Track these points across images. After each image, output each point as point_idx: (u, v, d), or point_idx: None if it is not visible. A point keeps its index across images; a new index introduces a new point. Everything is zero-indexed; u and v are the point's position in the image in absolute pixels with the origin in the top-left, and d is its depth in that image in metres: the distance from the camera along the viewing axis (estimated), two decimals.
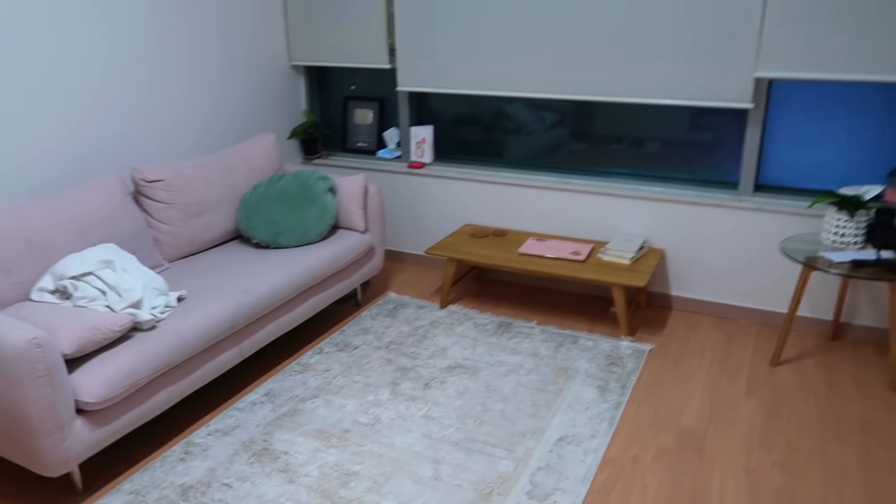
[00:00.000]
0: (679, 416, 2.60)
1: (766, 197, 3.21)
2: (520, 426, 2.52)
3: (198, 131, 3.50)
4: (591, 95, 3.35)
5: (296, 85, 4.17)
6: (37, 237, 2.47)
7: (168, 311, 2.50)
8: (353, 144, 4.22)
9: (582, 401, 2.68)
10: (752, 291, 3.32)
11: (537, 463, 2.32)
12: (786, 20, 2.87)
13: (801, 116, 3.13)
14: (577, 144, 3.64)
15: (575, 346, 3.10)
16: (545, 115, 3.70)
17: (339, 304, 3.59)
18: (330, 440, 2.44)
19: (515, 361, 2.96)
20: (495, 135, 3.85)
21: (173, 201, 3.00)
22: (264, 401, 2.70)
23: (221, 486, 2.22)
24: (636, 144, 3.49)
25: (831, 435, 2.47)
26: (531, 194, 3.67)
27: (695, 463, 2.33)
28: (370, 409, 2.62)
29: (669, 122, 3.39)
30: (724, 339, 3.18)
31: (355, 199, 3.37)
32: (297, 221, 3.17)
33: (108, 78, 3.01)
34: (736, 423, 2.55)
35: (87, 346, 2.14)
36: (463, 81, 3.63)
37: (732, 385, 2.80)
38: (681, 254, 3.41)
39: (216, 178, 3.20)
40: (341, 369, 2.92)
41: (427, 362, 2.96)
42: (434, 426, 2.52)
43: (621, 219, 3.50)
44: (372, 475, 2.26)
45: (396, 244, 4.17)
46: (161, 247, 3.00)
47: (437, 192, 3.92)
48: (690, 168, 3.40)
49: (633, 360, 2.97)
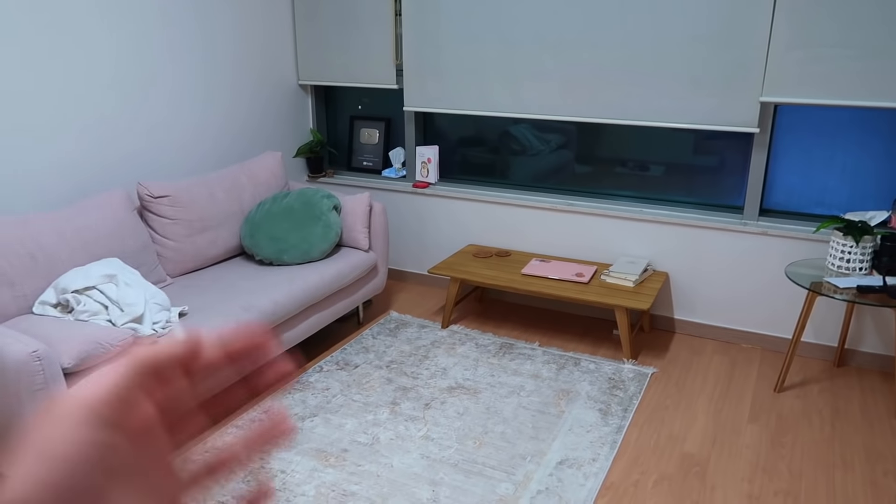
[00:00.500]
0: (681, 441, 2.57)
1: (771, 221, 3.20)
2: (520, 448, 2.50)
3: (206, 148, 3.53)
4: (597, 118, 3.36)
5: (303, 104, 4.20)
6: (41, 251, 2.48)
7: (170, 327, 2.50)
8: (359, 163, 4.25)
9: (583, 424, 2.65)
10: (756, 316, 3.30)
11: (537, 486, 2.29)
12: (792, 46, 2.88)
13: (807, 141, 3.13)
14: (581, 167, 3.65)
15: (577, 368, 3.08)
16: (550, 137, 3.71)
17: (340, 323, 3.58)
18: (328, 459, 2.42)
19: (517, 383, 2.94)
20: (500, 156, 3.86)
21: (178, 217, 3.02)
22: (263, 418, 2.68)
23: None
24: (641, 167, 3.50)
25: (836, 463, 2.44)
26: (535, 215, 3.67)
27: (697, 489, 2.30)
28: (369, 429, 2.61)
29: (674, 145, 3.40)
30: (728, 364, 3.15)
31: (359, 217, 3.38)
32: (300, 239, 3.17)
33: (120, 95, 3.05)
34: (739, 449, 2.52)
35: (88, 360, 2.14)
36: (469, 102, 3.65)
37: (736, 410, 2.77)
38: (685, 277, 3.40)
39: (222, 194, 3.22)
40: (341, 388, 2.90)
41: (428, 382, 2.94)
42: (433, 447, 2.50)
43: (625, 241, 3.49)
44: (370, 496, 2.24)
45: (399, 263, 4.17)
46: (165, 262, 3.01)
47: (442, 212, 3.93)
48: (695, 191, 3.40)
49: (636, 384, 2.95)
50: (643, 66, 3.19)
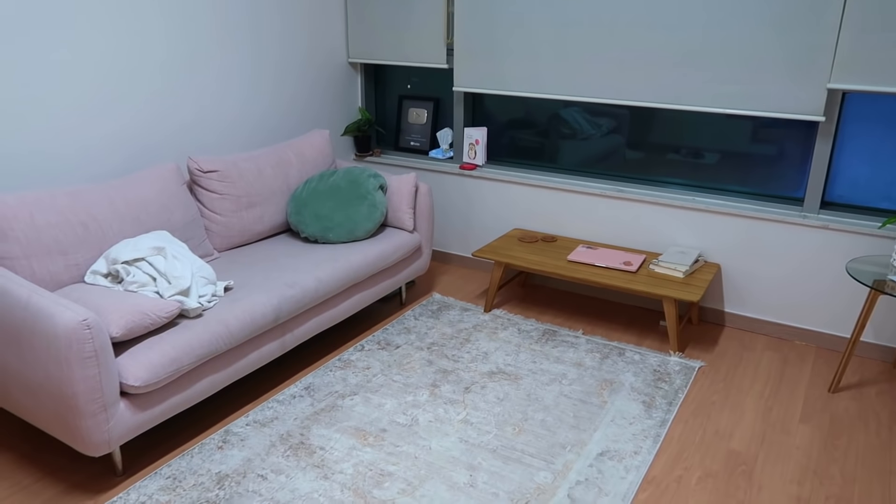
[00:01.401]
0: (728, 438, 2.49)
1: (832, 215, 3.06)
2: (560, 437, 2.45)
3: (254, 124, 3.55)
4: (652, 102, 3.25)
5: (352, 82, 4.19)
6: (93, 221, 2.53)
7: (215, 301, 2.53)
8: (407, 143, 4.22)
9: (626, 416, 2.59)
10: (812, 312, 3.17)
11: (576, 476, 2.25)
12: (865, 30, 2.73)
13: (876, 132, 2.97)
14: (632, 152, 3.54)
15: (621, 358, 3.01)
16: (601, 121, 3.62)
17: (382, 303, 3.58)
18: (366, 438, 2.42)
19: (559, 370, 2.89)
20: (549, 139, 3.78)
21: (226, 192, 3.04)
22: (304, 395, 2.70)
23: (256, 476, 2.22)
24: (694, 155, 3.38)
25: (893, 469, 2.33)
26: (583, 201, 3.59)
27: (743, 489, 2.23)
28: (408, 410, 2.60)
29: (731, 132, 3.26)
30: (780, 361, 3.04)
31: (405, 197, 3.35)
32: (346, 218, 3.17)
33: (170, 72, 3.08)
34: (789, 449, 2.43)
35: (135, 330, 2.18)
36: (520, 83, 3.58)
37: (787, 409, 2.67)
38: (737, 269, 3.28)
39: (269, 171, 3.23)
40: (382, 368, 2.90)
41: (468, 366, 2.92)
42: (472, 431, 2.48)
43: (676, 231, 3.38)
44: (406, 477, 2.23)
45: (444, 245, 4.14)
46: (212, 236, 3.04)
47: (488, 195, 3.88)
48: (751, 181, 3.27)
49: (682, 377, 2.87)
50: (702, 48, 3.07)
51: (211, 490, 2.16)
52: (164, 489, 2.16)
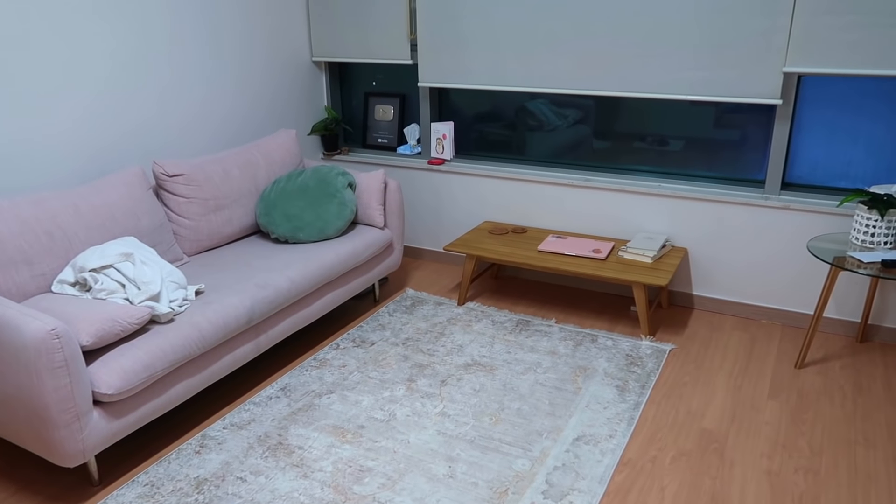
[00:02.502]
0: (700, 417, 2.55)
1: (793, 195, 3.14)
2: (536, 425, 2.49)
3: (216, 124, 3.52)
4: (615, 91, 3.30)
5: (317, 80, 4.17)
6: (58, 230, 2.49)
7: (186, 305, 2.51)
8: (374, 140, 4.22)
9: (600, 400, 2.64)
10: (776, 291, 3.25)
11: (554, 462, 2.29)
12: (817, 13, 2.80)
13: (831, 113, 3.05)
14: (599, 142, 3.59)
15: (594, 344, 3.06)
16: (567, 112, 3.66)
17: (356, 300, 3.59)
18: (345, 436, 2.43)
19: (533, 360, 2.93)
20: (516, 132, 3.81)
21: (193, 196, 3.02)
22: (280, 395, 2.70)
23: (236, 479, 2.22)
24: (659, 142, 3.43)
25: (858, 440, 2.41)
26: (552, 192, 3.63)
27: (715, 465, 2.28)
28: (386, 406, 2.61)
29: (694, 119, 3.33)
30: (748, 340, 3.11)
31: (375, 194, 3.36)
32: (316, 217, 3.16)
33: (128, 69, 3.04)
34: (759, 425, 2.49)
35: (105, 337, 2.16)
36: (485, 77, 3.60)
37: (755, 387, 2.74)
38: (704, 253, 3.35)
39: (236, 172, 3.21)
40: (357, 365, 2.91)
41: (444, 359, 2.94)
42: (450, 423, 2.50)
43: (643, 217, 3.44)
44: (386, 471, 2.24)
45: (415, 241, 4.16)
46: (181, 241, 3.01)
47: (457, 189, 3.90)
48: (715, 166, 3.34)
49: (654, 360, 2.92)
50: (662, 36, 3.12)
51: (190, 495, 2.15)
52: (142, 496, 2.15)
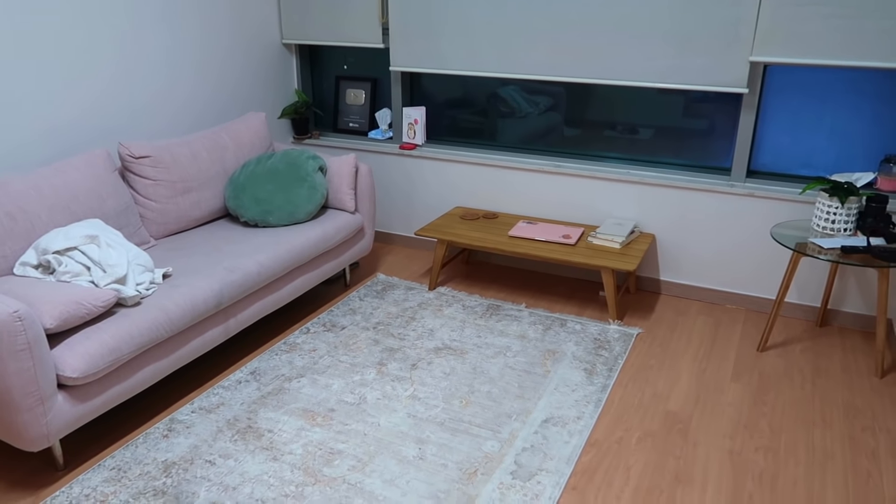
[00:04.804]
0: (665, 399, 2.60)
1: (757, 182, 3.20)
2: (506, 407, 2.52)
3: (180, 104, 3.45)
4: (587, 78, 3.32)
5: (287, 63, 4.12)
6: (21, 212, 2.44)
7: (153, 288, 2.48)
8: (345, 125, 4.19)
9: (569, 383, 2.68)
10: (741, 277, 3.32)
11: (522, 444, 2.32)
12: (784, 4, 2.84)
13: (796, 102, 3.11)
14: (569, 129, 3.61)
15: (563, 329, 3.09)
16: (538, 100, 3.67)
17: (327, 285, 3.57)
18: (315, 419, 2.43)
19: (503, 344, 2.96)
20: (488, 118, 3.82)
21: (160, 178, 2.97)
22: (249, 379, 2.69)
23: (204, 462, 2.21)
24: (630, 130, 3.47)
25: (816, 420, 2.48)
26: (523, 177, 3.65)
27: (679, 446, 2.34)
28: (356, 389, 2.62)
29: (663, 107, 3.37)
30: (712, 325, 3.18)
31: (345, 179, 3.34)
32: (285, 200, 3.14)
33: (87, 46, 2.97)
34: (722, 407, 2.56)
35: (70, 320, 2.12)
36: (457, 62, 3.60)
37: (719, 370, 2.80)
38: (671, 238, 3.41)
39: (204, 155, 3.17)
40: (328, 349, 2.91)
41: (414, 343, 2.95)
42: (420, 406, 2.51)
43: (612, 203, 3.48)
44: (356, 454, 2.25)
45: (386, 225, 4.15)
46: (148, 224, 2.97)
47: (429, 174, 3.90)
48: (683, 153, 3.38)
49: (621, 344, 2.97)
50: (633, 25, 3.14)
51: (158, 478, 2.14)
52: (108, 480, 2.13)
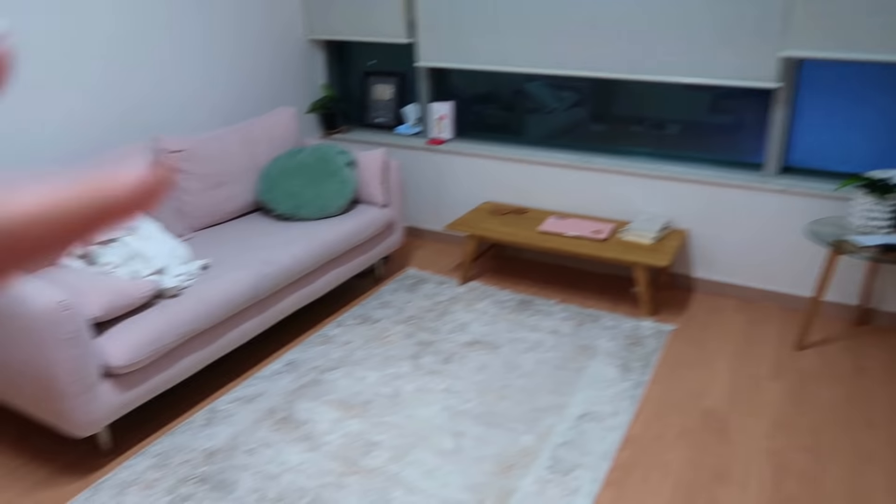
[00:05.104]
0: (702, 397, 2.58)
1: (792, 179, 3.17)
2: (540, 402, 2.51)
3: (214, 101, 3.48)
4: (615, 73, 3.30)
5: (314, 59, 4.13)
6: None
7: (191, 280, 2.50)
8: (373, 120, 4.20)
9: (603, 379, 2.67)
10: (776, 274, 3.29)
11: (558, 439, 2.31)
12: None
13: (831, 97, 3.07)
14: (596, 125, 3.60)
15: (596, 324, 3.08)
16: (565, 95, 3.66)
17: (359, 279, 3.58)
18: (351, 410, 2.44)
19: (535, 339, 2.95)
20: (515, 113, 3.81)
21: (194, 172, 3.00)
22: (286, 370, 2.70)
23: (245, 451, 2.23)
24: (657, 126, 3.45)
25: (859, 420, 2.45)
26: (552, 173, 3.64)
27: (718, 444, 2.32)
28: (391, 382, 2.62)
29: (692, 103, 3.34)
30: (747, 322, 3.15)
31: (375, 173, 3.35)
32: (316, 194, 3.15)
33: (127, 47, 2.99)
34: (760, 406, 2.53)
35: (113, 310, 2.15)
36: (483, 57, 3.59)
37: (756, 368, 2.78)
38: (704, 235, 3.38)
39: (236, 149, 3.19)
40: (362, 342, 2.92)
41: (447, 337, 2.95)
42: (454, 400, 2.52)
43: (643, 199, 3.46)
44: (393, 445, 2.26)
45: (416, 221, 4.16)
46: (183, 217, 2.99)
47: (457, 169, 3.90)
48: (714, 149, 3.36)
49: (655, 341, 2.96)
50: (663, 19, 3.12)
51: (200, 466, 2.15)
52: (153, 467, 2.15)
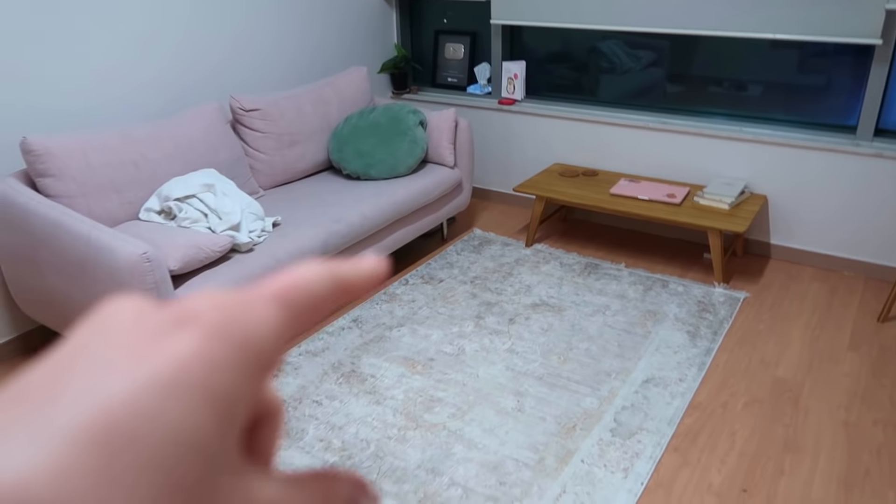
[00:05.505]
0: (774, 366, 2.50)
1: (887, 142, 2.97)
2: (605, 365, 2.49)
3: (287, 62, 3.53)
4: (697, 30, 3.15)
5: (387, 18, 4.12)
6: (144, 160, 2.58)
7: (265, 236, 2.58)
8: (444, 79, 4.17)
9: (670, 345, 2.61)
10: (861, 242, 3.11)
11: (622, 402, 2.29)
12: None
13: None
14: (672, 86, 3.45)
15: (665, 290, 3.01)
16: (641, 54, 3.52)
17: (424, 239, 3.62)
18: (415, 367, 2.49)
19: (602, 302, 2.91)
20: (589, 73, 3.70)
21: (269, 130, 3.07)
22: (352, 326, 2.77)
23: (312, 402, 2.31)
24: (738, 87, 3.28)
25: None
26: (625, 134, 3.54)
27: (789, 414, 2.25)
28: (455, 340, 2.65)
29: (777, 61, 3.15)
30: (827, 292, 3.01)
31: (445, 133, 3.34)
32: (387, 154, 3.18)
33: (204, 14, 3.06)
34: (837, 377, 2.43)
35: (191, 263, 2.25)
36: (558, 15, 3.49)
37: (834, 339, 2.66)
38: (785, 200, 3.22)
39: (309, 108, 3.24)
40: (426, 301, 2.95)
41: (512, 298, 2.95)
42: (518, 360, 2.53)
43: (721, 162, 3.32)
44: (456, 402, 2.30)
45: (484, 182, 4.14)
46: (257, 175, 3.08)
47: (527, 130, 3.84)
48: (799, 110, 3.17)
49: (727, 308, 2.87)
50: None
51: None
52: None
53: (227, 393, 0.18)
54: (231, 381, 0.19)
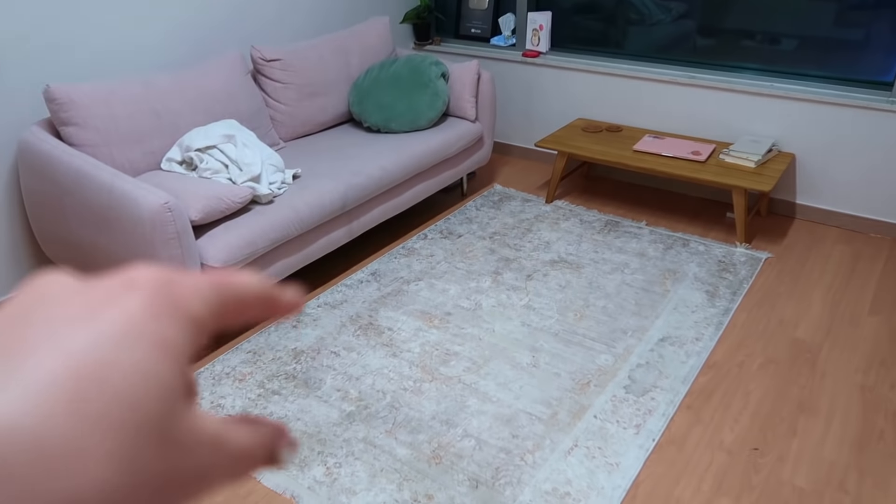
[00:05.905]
0: (793, 327, 2.48)
1: None
2: (621, 323, 2.49)
3: (309, 11, 3.48)
4: None
5: None
6: (165, 110, 2.59)
7: (284, 188, 2.59)
8: (467, 30, 4.09)
9: (688, 304, 2.60)
10: (891, 203, 3.04)
11: (637, 360, 2.30)
12: None
13: None
14: (703, 39, 3.35)
15: (685, 249, 2.99)
16: (671, 5, 3.41)
17: (444, 193, 3.60)
18: (432, 321, 2.52)
19: (621, 260, 2.90)
20: (616, 25, 3.60)
21: (289, 81, 3.05)
22: (370, 280, 2.80)
23: (330, 353, 2.36)
24: (771, 41, 3.17)
25: None
26: (651, 88, 3.46)
27: (805, 375, 2.24)
28: (472, 295, 2.67)
29: (813, 14, 3.04)
30: (852, 254, 2.96)
31: (467, 86, 3.29)
32: (408, 107, 3.15)
33: None
34: (856, 340, 2.41)
35: (212, 213, 2.27)
36: None
37: (856, 301, 2.63)
38: (813, 159, 3.15)
39: (330, 59, 3.20)
40: (445, 255, 2.96)
41: (530, 254, 2.95)
42: (534, 316, 2.54)
43: (750, 119, 3.24)
44: (471, 356, 2.32)
45: (505, 136, 4.09)
46: (277, 126, 3.08)
47: (551, 83, 3.77)
48: (833, 66, 3.06)
49: (748, 268, 2.84)
50: None
51: (288, 364, 2.30)
52: (245, 362, 2.32)
53: (174, 340, 0.22)
54: (175, 333, 0.22)
